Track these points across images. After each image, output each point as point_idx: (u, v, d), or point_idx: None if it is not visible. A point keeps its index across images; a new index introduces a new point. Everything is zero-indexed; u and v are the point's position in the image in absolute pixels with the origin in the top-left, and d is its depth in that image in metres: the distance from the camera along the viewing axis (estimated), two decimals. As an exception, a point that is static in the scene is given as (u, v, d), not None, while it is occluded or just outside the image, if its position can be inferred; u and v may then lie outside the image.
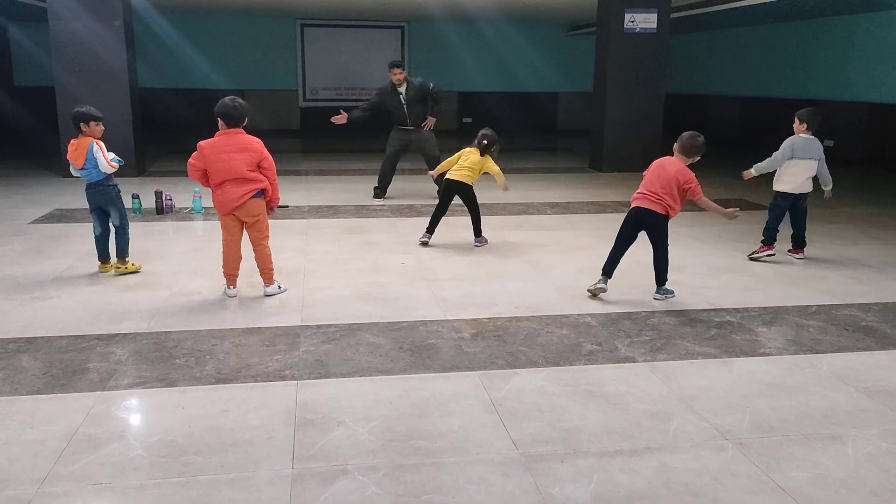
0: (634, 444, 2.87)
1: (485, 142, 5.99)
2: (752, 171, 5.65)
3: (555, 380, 3.45)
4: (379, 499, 2.49)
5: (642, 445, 2.86)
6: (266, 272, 4.71)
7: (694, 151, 4.65)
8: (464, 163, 6.03)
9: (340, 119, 8.05)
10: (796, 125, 5.60)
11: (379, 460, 2.73)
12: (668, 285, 4.72)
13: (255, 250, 4.69)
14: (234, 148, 4.44)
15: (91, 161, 4.89)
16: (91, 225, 5.21)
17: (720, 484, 2.60)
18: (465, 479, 2.62)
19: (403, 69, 8.16)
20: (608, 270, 4.68)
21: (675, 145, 4.70)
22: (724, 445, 2.87)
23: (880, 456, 2.80)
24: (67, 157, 4.95)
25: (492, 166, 6.05)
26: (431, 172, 6.22)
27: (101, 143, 4.95)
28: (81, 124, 4.91)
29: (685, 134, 4.68)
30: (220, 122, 4.51)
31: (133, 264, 5.20)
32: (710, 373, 3.57)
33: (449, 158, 6.21)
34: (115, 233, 5.13)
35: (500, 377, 3.48)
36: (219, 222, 4.65)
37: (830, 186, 5.72)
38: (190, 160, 4.52)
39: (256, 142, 4.53)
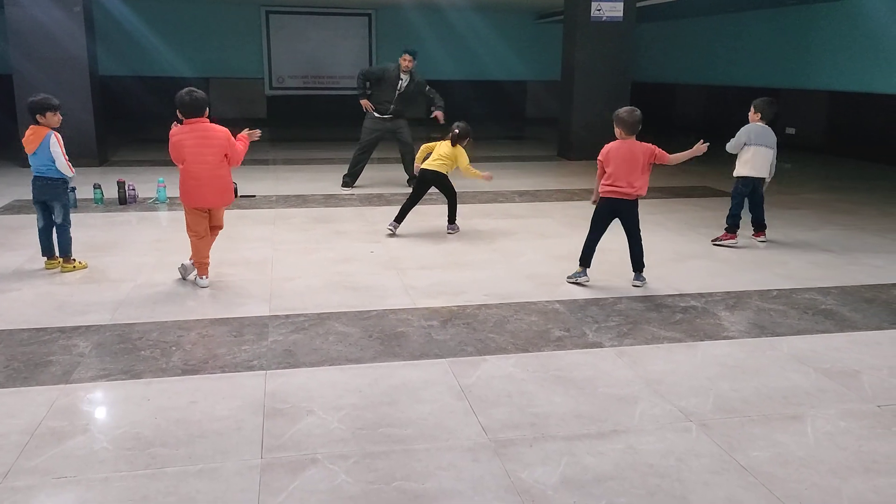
0: (601, 428, 2.91)
1: (456, 131, 6.03)
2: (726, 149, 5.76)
3: (524, 366, 3.48)
4: (349, 486, 2.49)
5: (609, 428, 2.91)
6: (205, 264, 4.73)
7: (637, 127, 4.59)
8: (437, 153, 6.08)
9: (368, 105, 8.09)
10: (751, 114, 5.77)
11: (349, 448, 2.73)
12: (630, 271, 4.78)
13: (210, 239, 4.73)
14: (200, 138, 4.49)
15: (45, 152, 4.74)
16: None
17: (684, 464, 2.65)
18: (436, 465, 2.63)
19: (415, 59, 8.09)
20: (586, 260, 4.74)
21: (622, 128, 4.56)
22: (688, 427, 2.93)
23: (838, 435, 2.88)
24: (23, 140, 4.81)
25: (462, 161, 6.06)
26: (418, 165, 6.25)
27: (59, 138, 4.79)
28: (38, 115, 4.77)
29: (624, 115, 4.57)
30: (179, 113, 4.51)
31: (79, 262, 5.02)
32: (675, 357, 3.63)
33: (423, 152, 6.23)
34: (57, 231, 4.93)
35: (470, 364, 3.50)
36: (182, 213, 4.60)
37: (770, 177, 5.83)
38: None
39: (222, 131, 4.55)
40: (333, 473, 2.57)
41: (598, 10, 10.28)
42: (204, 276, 4.64)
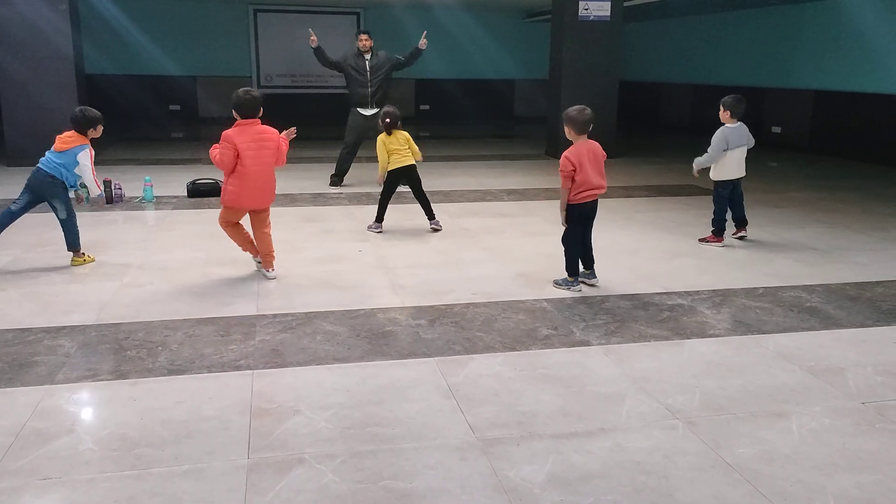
0: (588, 426, 2.92)
1: (388, 120, 5.99)
2: (696, 168, 5.72)
3: (511, 364, 3.49)
4: (336, 486, 2.49)
5: (596, 427, 2.92)
6: (270, 256, 4.85)
7: (588, 126, 4.54)
8: (397, 148, 6.01)
9: (314, 40, 7.92)
10: (721, 113, 5.69)
11: (336, 448, 2.73)
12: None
13: (259, 236, 4.82)
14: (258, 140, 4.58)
15: (71, 158, 4.80)
16: (33, 212, 5.05)
17: (671, 462, 2.67)
18: (423, 464, 2.63)
19: (371, 38, 8.03)
20: (577, 270, 4.67)
21: (572, 127, 4.55)
22: (674, 425, 2.94)
23: (823, 431, 2.91)
24: (58, 136, 4.87)
25: (412, 143, 6.11)
26: (380, 179, 6.20)
27: (93, 153, 4.91)
28: (90, 130, 4.89)
29: (574, 114, 4.54)
30: (236, 114, 4.56)
31: (88, 256, 5.11)
32: (661, 354, 3.65)
33: (380, 158, 6.06)
34: (62, 226, 5.00)
35: (458, 363, 3.50)
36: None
37: (752, 144, 5.78)
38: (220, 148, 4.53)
39: (274, 131, 4.69)
40: (320, 473, 2.56)
41: (586, 9, 10.30)
42: (270, 269, 4.79)
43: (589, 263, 4.74)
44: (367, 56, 7.97)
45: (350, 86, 8.07)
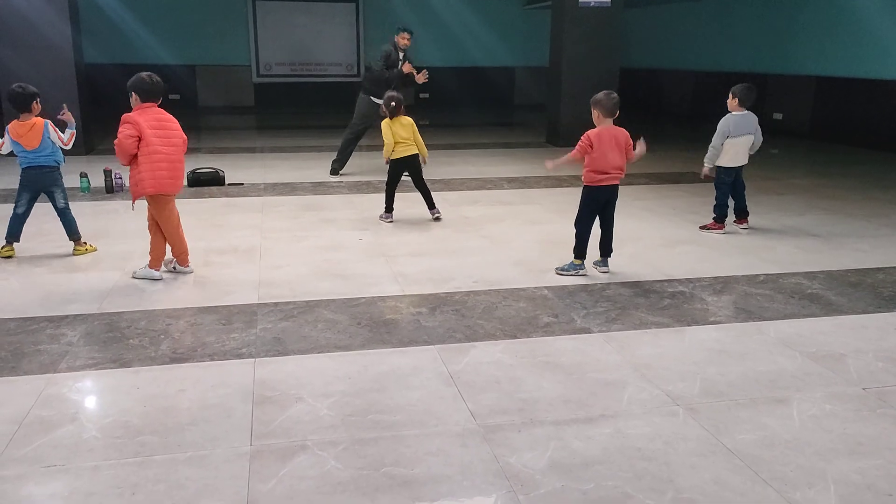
0: (589, 413, 2.93)
1: (392, 104, 5.91)
2: (707, 166, 5.73)
3: (512, 352, 3.50)
4: (338, 472, 2.50)
5: (597, 413, 2.93)
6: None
7: (616, 110, 4.58)
8: (401, 137, 5.96)
9: (421, 78, 7.82)
10: (730, 101, 5.69)
11: (338, 435, 2.74)
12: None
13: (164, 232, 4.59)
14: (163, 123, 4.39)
15: (47, 143, 4.81)
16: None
17: (671, 448, 2.68)
18: (424, 450, 2.64)
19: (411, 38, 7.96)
20: (584, 252, 4.67)
21: (600, 110, 4.56)
22: (675, 411, 2.95)
23: (823, 417, 2.92)
24: (15, 137, 4.77)
25: (415, 130, 6.03)
26: (386, 160, 6.15)
27: (51, 123, 4.90)
28: (34, 104, 4.83)
29: (602, 97, 4.58)
30: (135, 97, 4.34)
31: (90, 245, 5.13)
32: (662, 341, 3.66)
33: (386, 140, 5.98)
34: (62, 215, 5.01)
35: (459, 350, 3.51)
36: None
37: (754, 151, 5.79)
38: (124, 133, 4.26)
39: (174, 119, 4.49)
40: (323, 460, 2.58)
41: (587, -5, 10.25)
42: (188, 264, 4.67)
43: (605, 251, 4.74)
44: (401, 55, 7.91)
45: (377, 76, 7.97)
